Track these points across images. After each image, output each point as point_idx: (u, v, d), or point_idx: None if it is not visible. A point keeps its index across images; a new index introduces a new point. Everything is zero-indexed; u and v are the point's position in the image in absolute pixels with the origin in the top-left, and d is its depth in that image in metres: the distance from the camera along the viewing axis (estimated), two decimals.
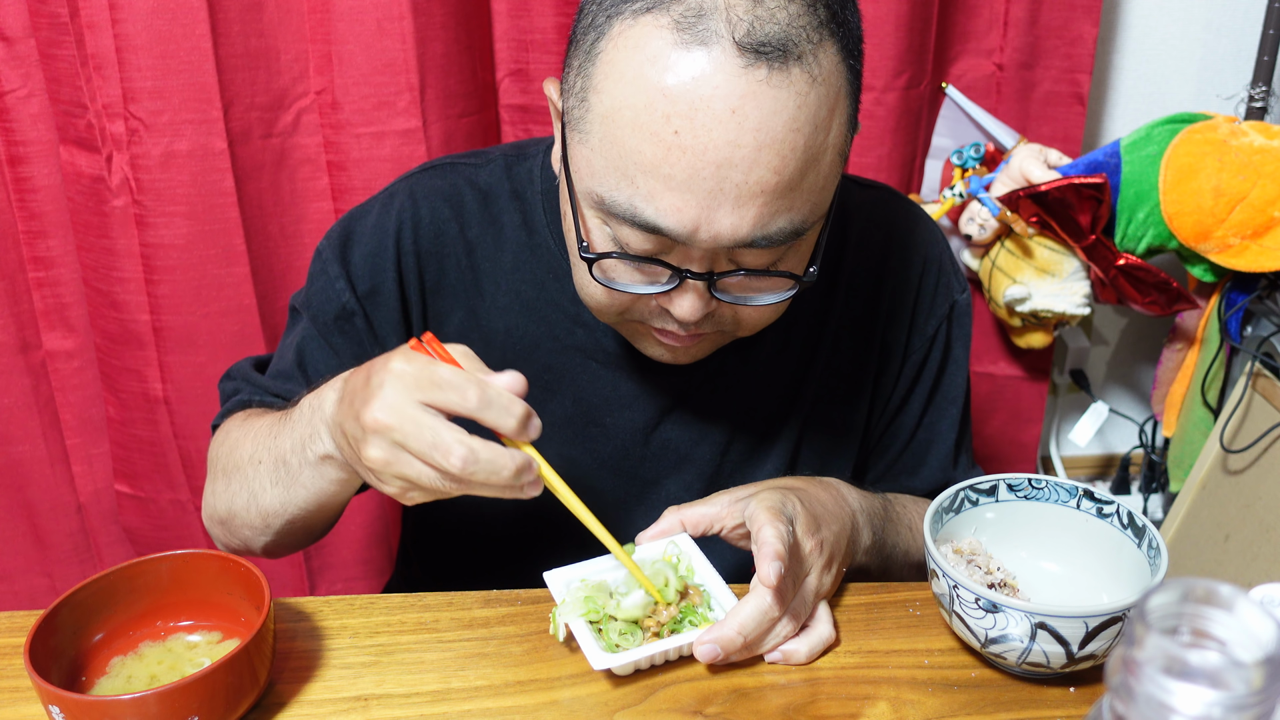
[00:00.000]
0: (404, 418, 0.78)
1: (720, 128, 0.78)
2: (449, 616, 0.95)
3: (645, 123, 0.79)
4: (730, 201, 0.80)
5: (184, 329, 1.62)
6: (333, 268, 1.05)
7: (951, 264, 1.12)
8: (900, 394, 1.12)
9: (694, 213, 0.81)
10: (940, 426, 1.14)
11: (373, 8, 1.50)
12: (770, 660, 0.89)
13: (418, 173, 1.09)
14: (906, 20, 1.69)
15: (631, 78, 0.80)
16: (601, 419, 1.08)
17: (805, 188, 0.83)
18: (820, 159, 0.82)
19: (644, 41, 0.79)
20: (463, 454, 0.77)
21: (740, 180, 0.80)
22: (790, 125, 0.79)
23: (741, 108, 0.78)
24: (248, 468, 0.98)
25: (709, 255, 0.84)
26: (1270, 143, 1.64)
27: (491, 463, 0.78)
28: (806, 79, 0.79)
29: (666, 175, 0.80)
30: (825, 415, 1.11)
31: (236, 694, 0.81)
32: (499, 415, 0.79)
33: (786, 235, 0.84)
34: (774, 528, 0.87)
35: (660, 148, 0.79)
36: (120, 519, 1.80)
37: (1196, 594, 0.47)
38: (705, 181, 0.79)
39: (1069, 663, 0.83)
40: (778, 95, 0.78)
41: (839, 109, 0.83)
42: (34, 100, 1.54)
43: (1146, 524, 0.89)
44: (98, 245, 1.58)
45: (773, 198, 0.81)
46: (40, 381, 1.70)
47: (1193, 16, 1.94)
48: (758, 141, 0.78)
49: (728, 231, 0.82)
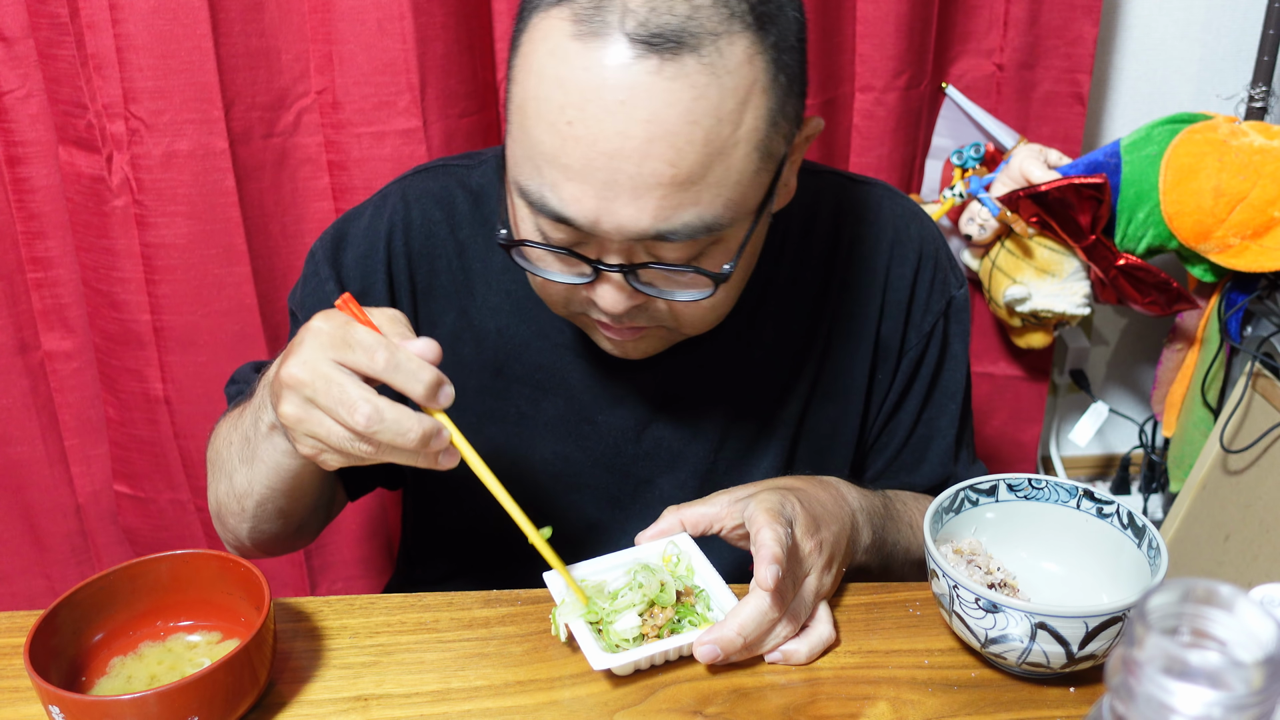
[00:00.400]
0: (315, 374, 0.79)
1: (610, 119, 0.79)
2: (449, 616, 0.95)
3: (545, 113, 0.81)
4: (626, 193, 0.81)
5: (184, 329, 1.61)
6: (324, 269, 1.07)
7: (948, 259, 1.12)
8: (898, 391, 1.12)
9: (593, 203, 0.82)
10: (940, 422, 1.14)
11: (373, 8, 1.50)
12: (770, 660, 0.89)
13: (410, 175, 1.10)
14: (906, 20, 1.69)
15: (536, 70, 0.82)
16: (593, 417, 1.08)
17: (711, 182, 0.82)
18: (728, 153, 0.82)
19: (548, 34, 0.81)
20: (367, 411, 0.77)
21: (633, 172, 0.80)
22: (685, 117, 0.79)
23: (631, 99, 0.78)
24: (224, 452, 0.99)
25: (625, 248, 0.85)
26: (1270, 143, 1.64)
27: (397, 423, 0.78)
28: (705, 71, 0.79)
29: (564, 165, 0.81)
30: (821, 412, 1.11)
31: (236, 694, 0.81)
32: (406, 379, 0.80)
33: (696, 230, 0.83)
34: (772, 530, 0.87)
35: (557, 138, 0.81)
36: (119, 520, 1.79)
37: (1196, 594, 0.47)
38: (599, 172, 0.80)
39: (1069, 663, 0.83)
40: (670, 87, 0.78)
41: (753, 103, 0.82)
42: (33, 100, 1.54)
43: (1146, 524, 0.89)
44: (97, 245, 1.58)
45: (671, 190, 0.81)
46: (39, 382, 1.70)
47: (1193, 16, 1.94)
48: (648, 133, 0.79)
49: (629, 223, 0.82)
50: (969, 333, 1.14)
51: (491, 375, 1.08)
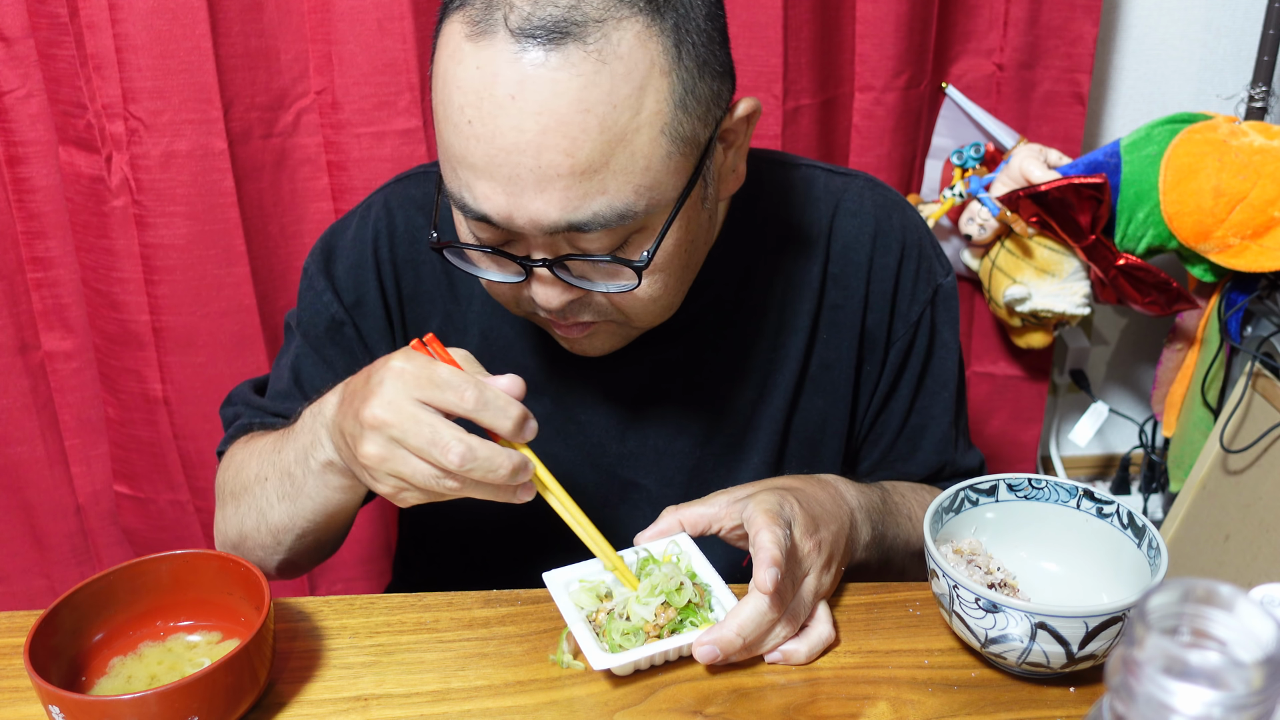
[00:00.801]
0: (402, 414, 0.79)
1: (503, 114, 0.80)
2: (449, 616, 0.95)
3: (450, 115, 0.83)
4: (531, 186, 0.81)
5: (184, 329, 1.61)
6: (319, 282, 1.08)
7: (933, 248, 1.12)
8: (888, 382, 1.12)
9: (502, 199, 0.82)
10: (933, 411, 1.13)
11: (373, 7, 1.51)
12: (770, 660, 0.89)
13: (393, 183, 1.11)
14: (906, 20, 1.69)
15: (440, 75, 0.84)
16: (577, 416, 1.08)
17: (616, 169, 0.82)
18: (629, 139, 0.81)
19: (449, 39, 0.83)
20: (461, 451, 0.78)
21: (532, 164, 0.80)
22: (576, 106, 0.79)
23: (520, 93, 0.79)
24: (254, 487, 0.99)
25: (547, 243, 0.85)
26: (1270, 143, 1.64)
27: (490, 460, 0.79)
28: (592, 59, 0.79)
29: (472, 165, 0.82)
30: (810, 406, 1.10)
31: (236, 694, 0.81)
32: (495, 416, 0.81)
33: (608, 219, 0.83)
34: (771, 532, 0.87)
35: (461, 138, 0.82)
36: (119, 520, 1.79)
37: (1196, 594, 0.47)
38: (501, 168, 0.81)
39: (1069, 663, 0.83)
40: (556, 78, 0.78)
41: (651, 88, 0.81)
42: (33, 100, 1.54)
43: (1146, 524, 0.89)
44: (97, 246, 1.58)
45: (574, 180, 0.81)
46: (39, 382, 1.70)
47: (1193, 16, 1.94)
48: (541, 125, 0.79)
49: (539, 216, 0.82)
50: (958, 320, 1.13)
51: None
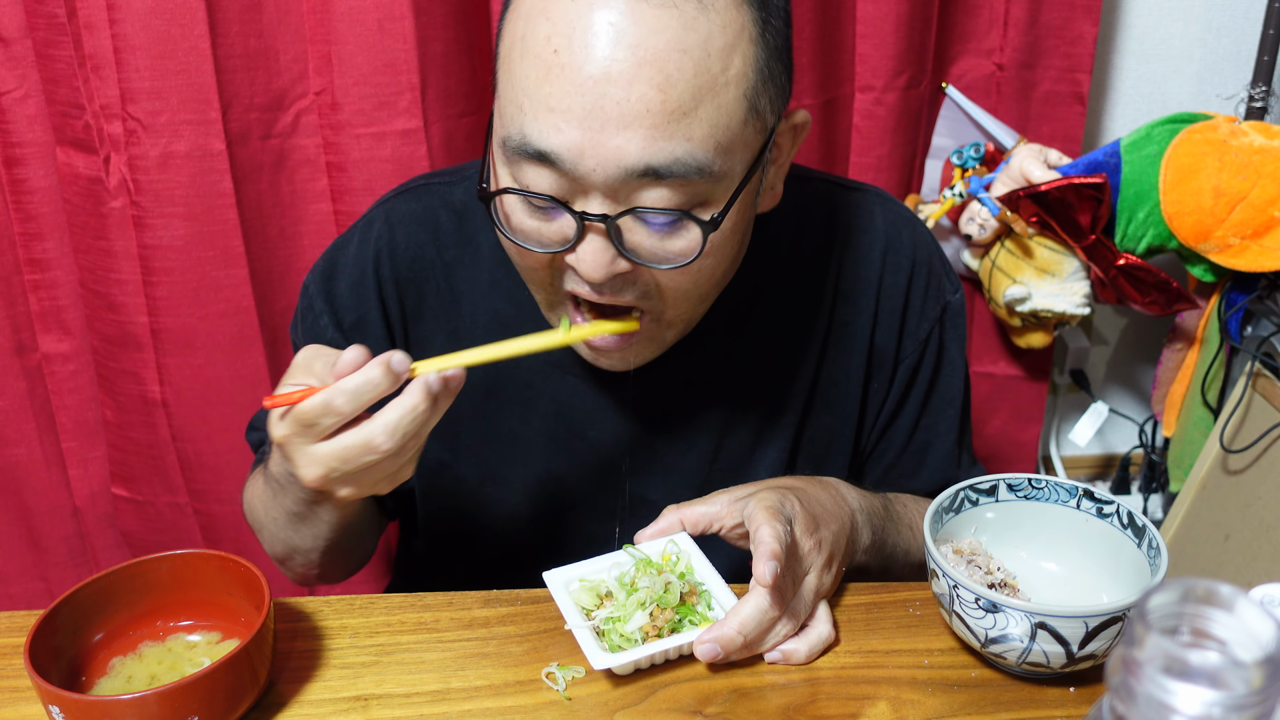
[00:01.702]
0: (324, 464, 0.82)
1: (597, 43, 0.78)
2: (449, 616, 0.95)
3: (530, 47, 0.81)
4: (614, 121, 0.79)
5: (182, 331, 1.61)
6: (318, 303, 1.07)
7: (943, 265, 1.11)
8: (895, 399, 1.11)
9: (576, 134, 0.80)
10: (938, 428, 1.13)
11: (373, 8, 1.50)
12: (770, 660, 0.89)
13: (393, 197, 1.10)
14: (906, 20, 1.69)
15: (525, 11, 0.82)
16: (584, 432, 1.08)
17: (702, 118, 0.81)
18: (718, 92, 0.81)
19: None
20: (382, 438, 0.81)
21: (621, 96, 0.79)
22: (675, 45, 0.78)
23: (619, 24, 0.78)
24: (270, 526, 1.03)
25: (611, 193, 0.82)
26: (1270, 143, 1.64)
27: (408, 412, 0.81)
28: (694, 4, 0.79)
29: (548, 94, 0.80)
30: (818, 422, 1.10)
31: (236, 694, 0.81)
32: (369, 391, 0.81)
33: (686, 168, 0.81)
34: (771, 528, 0.87)
35: (541, 68, 0.80)
36: (117, 523, 1.79)
37: (1196, 594, 0.47)
38: (585, 98, 0.79)
39: (1069, 663, 0.83)
40: (658, 14, 0.78)
41: (742, 49, 0.82)
42: (30, 101, 1.53)
43: (1146, 524, 0.89)
44: (95, 247, 1.58)
45: (663, 119, 0.79)
46: (36, 384, 1.69)
47: (1193, 16, 1.94)
48: (637, 58, 0.78)
49: (616, 156, 0.80)
50: (965, 337, 1.13)
51: (483, 396, 1.07)
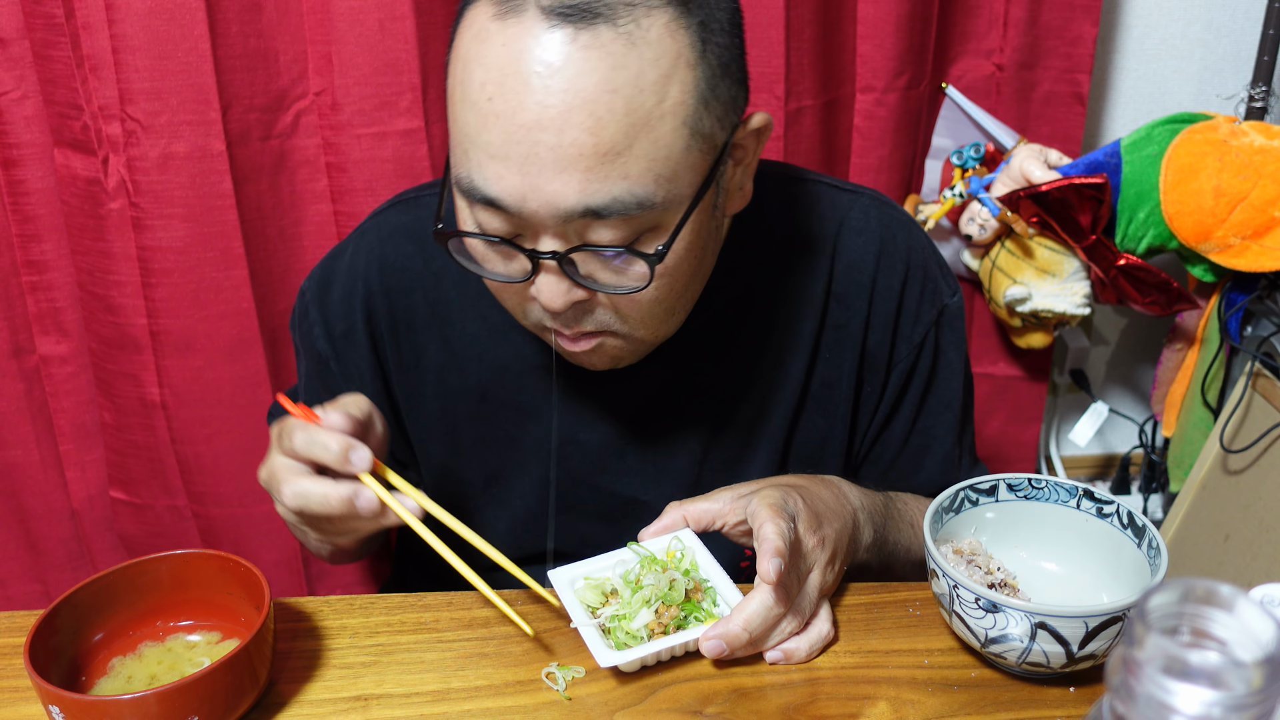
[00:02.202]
0: (269, 470, 0.91)
1: (527, 90, 0.79)
2: (449, 616, 0.95)
3: (468, 94, 0.82)
4: (550, 166, 0.80)
5: (181, 333, 1.61)
6: (312, 311, 1.09)
7: (939, 267, 1.10)
8: (889, 403, 1.11)
9: (516, 179, 0.81)
10: (936, 431, 1.12)
11: (374, 8, 1.50)
12: (771, 660, 0.89)
13: (385, 209, 1.11)
14: (906, 20, 1.69)
15: (462, 56, 0.83)
16: (575, 436, 1.08)
17: (638, 154, 0.81)
18: (653, 125, 0.81)
19: (473, 21, 0.83)
20: (290, 492, 0.88)
21: (554, 142, 0.79)
22: (605, 86, 0.78)
23: (547, 70, 0.78)
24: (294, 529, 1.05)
25: (559, 232, 0.84)
26: (1270, 143, 1.64)
27: (322, 496, 0.88)
28: (622, 41, 0.79)
29: (486, 143, 0.81)
30: (810, 424, 1.09)
31: (236, 694, 0.81)
32: (319, 450, 0.88)
33: (627, 205, 0.82)
34: (775, 524, 0.87)
35: (478, 116, 0.81)
36: (115, 526, 1.79)
37: (1196, 594, 0.47)
38: (519, 146, 0.80)
39: (1069, 663, 0.83)
40: (586, 56, 0.78)
41: (678, 77, 0.81)
42: (28, 102, 1.53)
43: (1146, 524, 0.89)
44: (93, 249, 1.58)
45: (596, 161, 0.80)
46: (34, 387, 1.69)
47: (1193, 16, 1.94)
48: (566, 102, 0.78)
49: (555, 199, 0.81)
50: (965, 339, 1.12)
51: (478, 401, 1.08)
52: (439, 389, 1.08)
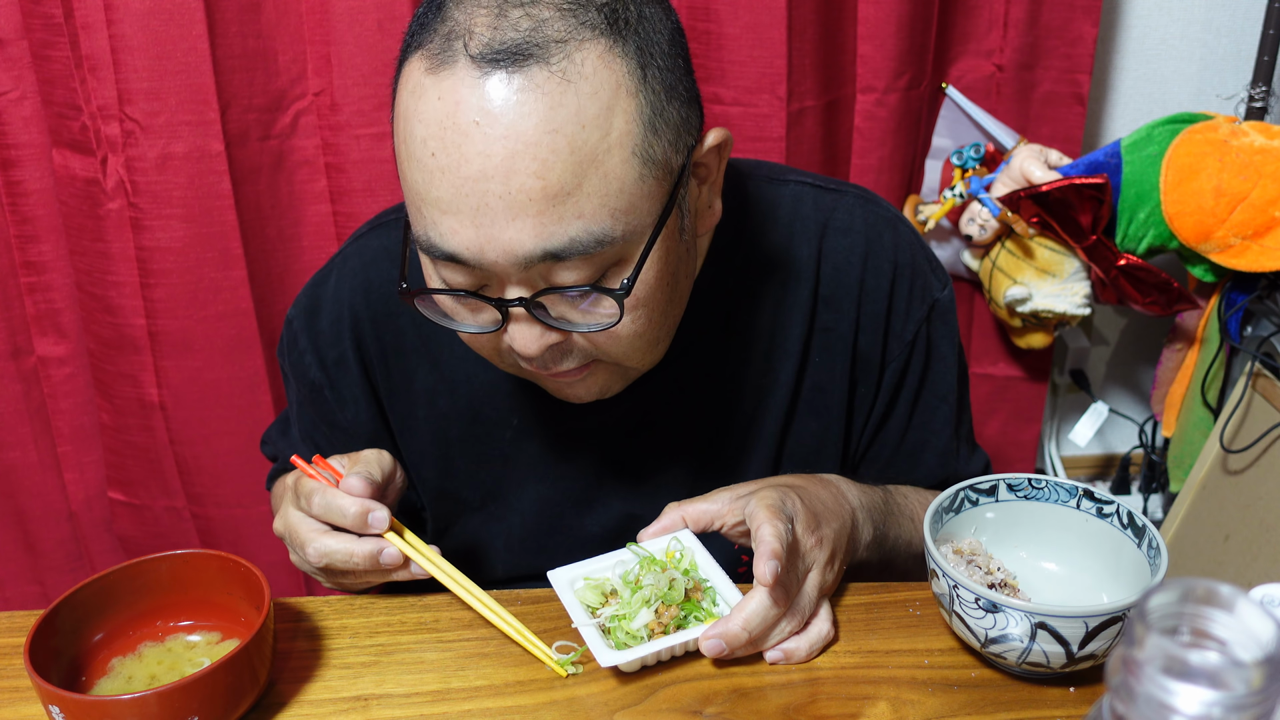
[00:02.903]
0: (286, 525, 0.94)
1: (468, 141, 0.78)
2: (449, 616, 0.95)
3: (412, 152, 0.81)
4: (501, 215, 0.79)
5: (180, 333, 1.61)
6: (302, 340, 1.09)
7: (927, 262, 1.09)
8: (884, 402, 1.10)
9: (471, 232, 0.80)
10: (933, 426, 1.12)
11: (373, 8, 1.50)
12: (771, 660, 0.89)
13: (365, 232, 1.10)
14: (907, 21, 1.69)
15: (402, 114, 0.82)
16: (570, 454, 1.07)
17: (590, 191, 0.80)
18: (601, 160, 0.79)
19: (409, 77, 0.82)
20: (313, 550, 0.90)
21: (501, 191, 0.78)
22: (545, 127, 0.77)
23: (485, 119, 0.77)
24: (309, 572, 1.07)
25: (523, 279, 0.83)
26: (1271, 143, 1.64)
27: (346, 554, 0.90)
28: (556, 79, 0.77)
29: (436, 199, 0.80)
30: (804, 429, 1.09)
31: (236, 694, 0.81)
32: (336, 515, 0.90)
33: (586, 245, 0.81)
34: (772, 526, 0.87)
35: (424, 173, 0.80)
36: (114, 527, 1.79)
37: (1196, 594, 0.47)
38: (469, 198, 0.79)
39: (1069, 663, 0.83)
40: (521, 99, 0.77)
41: (620, 108, 0.80)
42: (26, 102, 1.53)
43: (1146, 524, 0.89)
44: (92, 249, 1.58)
45: (547, 204, 0.79)
46: (32, 387, 1.69)
47: (1193, 16, 1.94)
48: (508, 149, 0.77)
49: (513, 246, 0.80)
50: (956, 331, 1.10)
51: (469, 422, 1.07)
52: (430, 411, 1.07)
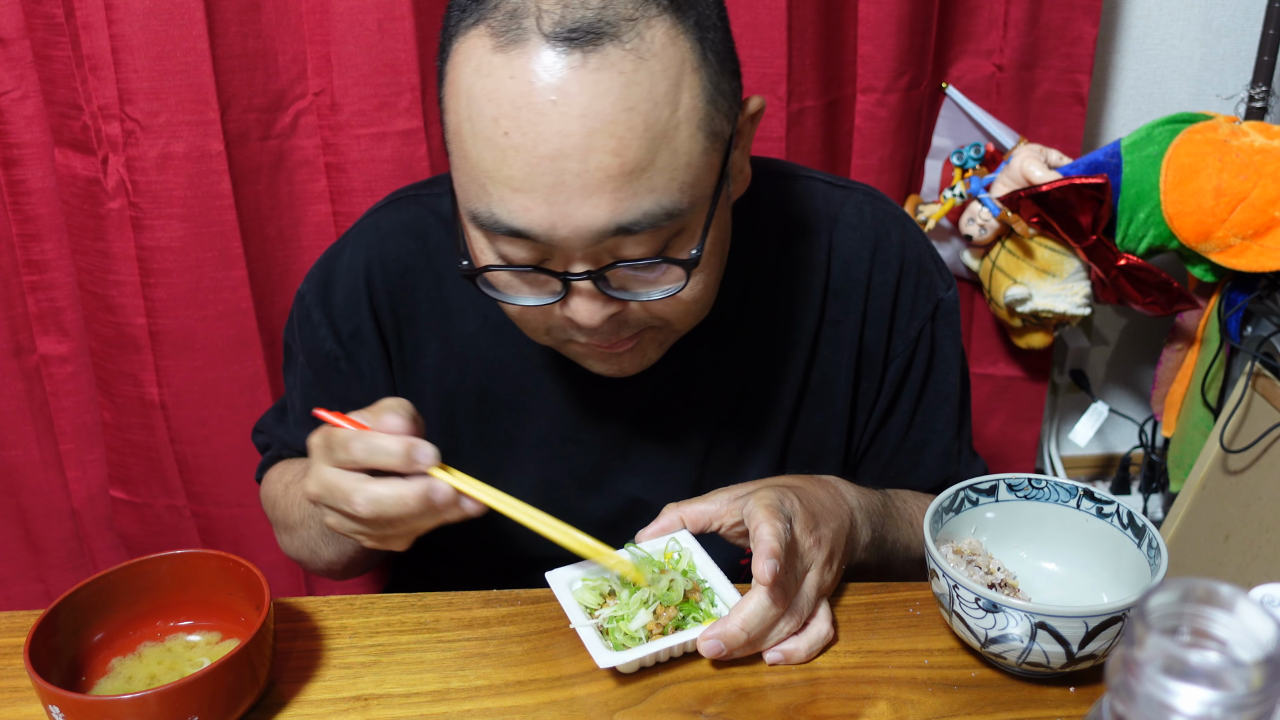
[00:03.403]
0: (322, 484, 0.87)
1: (545, 121, 0.78)
2: (449, 616, 0.95)
3: (480, 130, 0.81)
4: (577, 193, 0.80)
5: (180, 332, 1.61)
6: (316, 313, 1.08)
7: (934, 262, 1.10)
8: (887, 399, 1.11)
9: (544, 210, 0.81)
10: (935, 425, 1.12)
11: (373, 8, 1.50)
12: (771, 661, 0.89)
13: (382, 207, 1.11)
14: (907, 21, 1.69)
15: (464, 90, 0.82)
16: (577, 436, 1.08)
17: (661, 167, 0.81)
18: (672, 135, 0.81)
19: (470, 54, 0.81)
20: (362, 499, 0.84)
21: (579, 169, 0.79)
22: (620, 105, 0.78)
23: (562, 98, 0.78)
24: (299, 530, 1.06)
25: (589, 254, 0.83)
26: (1271, 143, 1.64)
27: (396, 497, 0.84)
28: (630, 57, 0.78)
29: (508, 178, 0.81)
30: (809, 422, 1.10)
31: (236, 694, 0.81)
32: (379, 458, 0.85)
33: (657, 218, 0.82)
34: (771, 526, 0.87)
35: (496, 152, 0.80)
36: (115, 525, 1.79)
37: (1196, 594, 0.47)
38: (544, 177, 0.79)
39: (1069, 663, 0.83)
40: (598, 78, 0.78)
41: (686, 83, 0.81)
42: (28, 102, 1.53)
43: (1146, 524, 0.89)
44: (93, 249, 1.58)
45: (623, 181, 0.80)
46: (34, 386, 1.69)
47: (1193, 16, 1.94)
48: (587, 128, 0.78)
49: (586, 223, 0.81)
50: (960, 332, 1.12)
51: (477, 400, 1.08)
52: (438, 388, 1.08)
